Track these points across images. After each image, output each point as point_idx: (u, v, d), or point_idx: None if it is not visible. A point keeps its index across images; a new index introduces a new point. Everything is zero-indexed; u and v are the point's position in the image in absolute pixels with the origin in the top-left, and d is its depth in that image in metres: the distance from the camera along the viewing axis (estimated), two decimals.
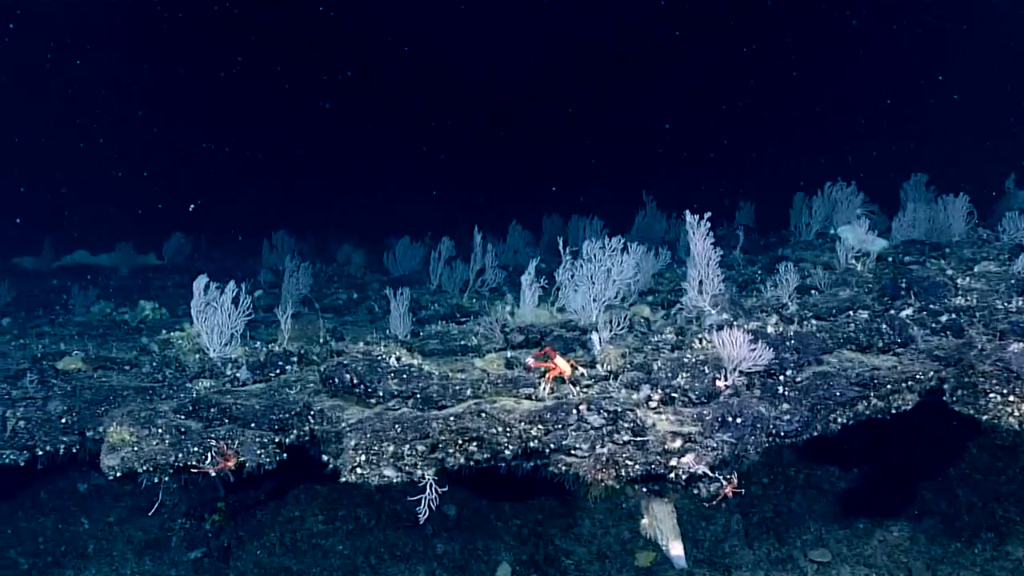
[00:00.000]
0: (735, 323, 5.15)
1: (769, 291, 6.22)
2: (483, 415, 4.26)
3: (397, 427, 4.26)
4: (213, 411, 4.76)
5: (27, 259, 12.75)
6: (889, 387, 4.66)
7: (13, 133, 18.31)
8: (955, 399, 4.52)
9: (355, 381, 4.70)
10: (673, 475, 4.08)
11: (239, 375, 5.35)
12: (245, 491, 6.48)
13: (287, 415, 4.70)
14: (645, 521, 4.60)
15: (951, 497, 6.14)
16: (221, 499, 6.40)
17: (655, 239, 10.55)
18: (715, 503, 4.20)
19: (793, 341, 4.88)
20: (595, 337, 5.21)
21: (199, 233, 14.03)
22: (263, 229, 12.90)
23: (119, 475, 4.41)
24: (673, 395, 4.46)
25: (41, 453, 4.98)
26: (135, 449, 4.44)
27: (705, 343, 4.90)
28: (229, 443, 4.47)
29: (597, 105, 20.06)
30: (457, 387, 4.59)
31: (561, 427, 4.20)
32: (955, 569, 5.87)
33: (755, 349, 4.50)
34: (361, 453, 4.21)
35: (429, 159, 19.94)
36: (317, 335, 6.09)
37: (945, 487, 6.16)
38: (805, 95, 19.21)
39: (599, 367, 4.85)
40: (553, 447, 4.17)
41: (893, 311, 5.52)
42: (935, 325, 5.23)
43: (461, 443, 4.21)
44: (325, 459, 4.55)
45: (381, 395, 4.65)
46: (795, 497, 6.39)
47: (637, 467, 4.03)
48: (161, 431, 4.53)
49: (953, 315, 5.28)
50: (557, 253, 6.05)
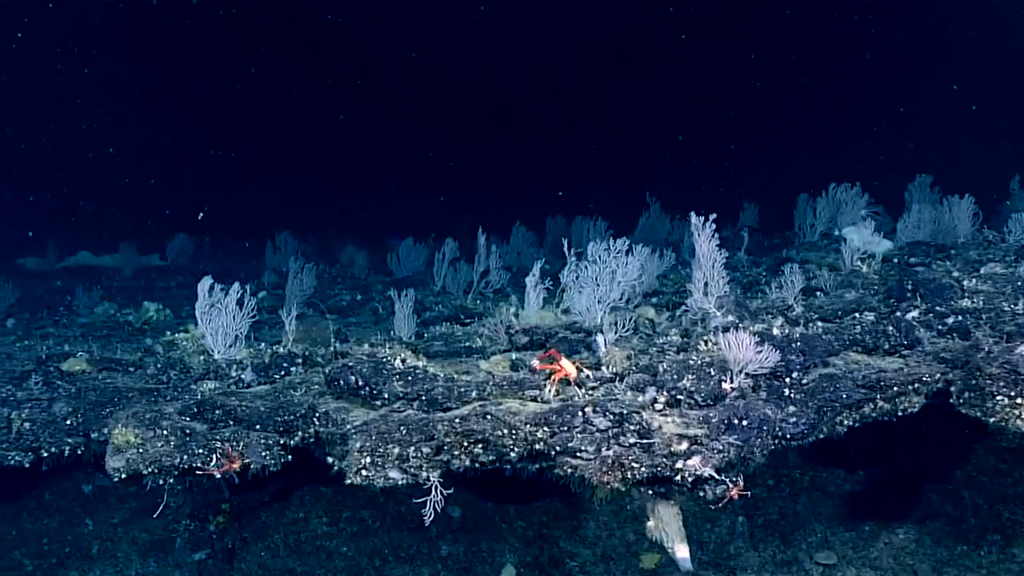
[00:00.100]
0: (740, 325, 5.13)
1: (774, 293, 6.20)
2: (488, 417, 4.25)
3: (402, 429, 4.25)
4: (218, 413, 4.76)
5: (31, 260, 12.75)
6: (895, 389, 4.65)
7: (15, 134, 18.33)
8: (962, 401, 4.50)
9: (360, 383, 4.70)
10: (679, 477, 4.07)
11: (244, 377, 5.35)
12: (249, 492, 6.48)
13: (292, 417, 4.70)
14: (651, 523, 4.59)
15: (957, 499, 6.12)
16: (225, 500, 6.40)
17: (659, 240, 10.54)
18: (721, 505, 4.20)
19: (799, 343, 4.87)
20: (600, 339, 5.20)
21: (202, 234, 14.03)
22: (265, 230, 12.90)
23: (124, 477, 4.41)
24: (679, 397, 4.45)
25: (46, 455, 4.98)
26: (140, 451, 4.44)
27: (711, 345, 4.89)
28: (234, 445, 4.47)
29: (600, 105, 20.04)
30: (462, 389, 4.58)
31: (567, 429, 4.19)
32: (961, 572, 5.85)
33: (761, 351, 4.48)
34: (366, 455, 4.21)
35: (431, 159, 19.94)
36: (322, 336, 6.09)
37: (951, 489, 6.14)
38: (808, 95, 19.18)
39: (604, 369, 4.84)
40: (559, 449, 4.16)
41: (899, 313, 5.50)
42: (941, 327, 5.21)
43: (466, 445, 4.20)
44: (330, 461, 4.55)
45: (386, 397, 4.64)
46: (800, 499, 6.37)
47: (643, 469, 4.02)
48: (166, 433, 4.53)
49: (959, 317, 5.26)
50: (561, 254, 6.05)
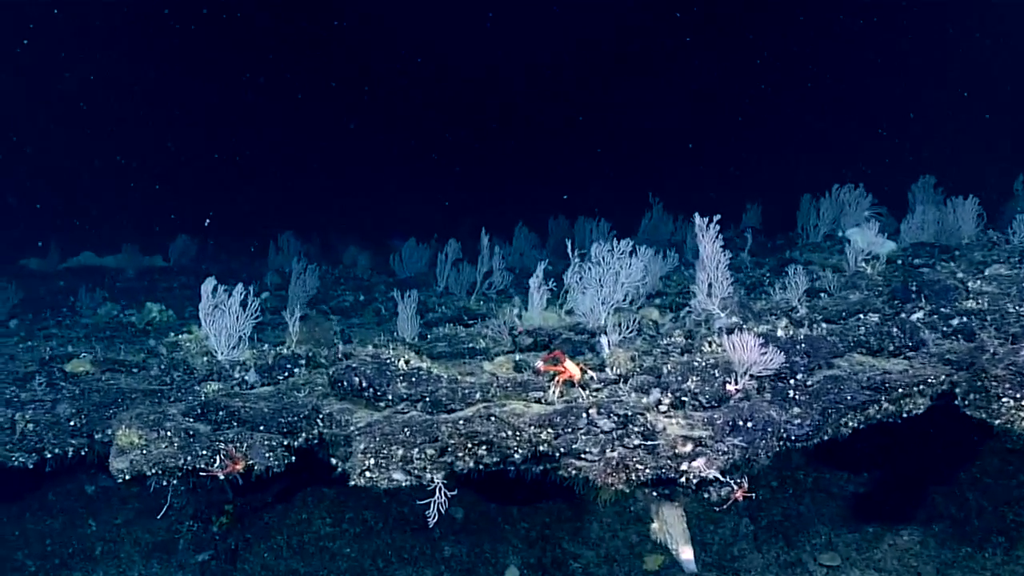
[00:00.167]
0: (744, 326, 5.13)
1: (778, 294, 6.19)
2: (493, 419, 4.25)
3: (406, 431, 4.25)
4: (222, 414, 4.75)
5: (34, 260, 12.76)
6: (900, 391, 4.64)
7: (18, 135, 18.35)
8: (967, 403, 4.49)
9: (364, 384, 4.69)
10: (684, 479, 4.06)
11: (247, 378, 5.34)
12: (252, 494, 6.48)
13: (296, 418, 4.69)
14: (655, 525, 4.58)
15: (961, 501, 6.10)
16: (229, 502, 6.39)
17: (662, 241, 10.52)
18: (725, 507, 4.19)
19: (803, 345, 4.86)
20: (604, 340, 5.20)
21: (205, 235, 14.03)
22: (266, 230, 12.90)
23: (128, 478, 4.41)
24: (683, 399, 4.44)
25: (50, 456, 4.97)
26: (144, 452, 4.44)
27: (715, 346, 4.88)
28: (238, 446, 4.47)
29: (602, 105, 20.02)
30: (466, 390, 4.58)
31: (571, 431, 4.18)
32: (965, 573, 5.84)
33: (765, 353, 4.47)
34: (370, 457, 4.20)
35: (433, 160, 19.94)
36: (326, 338, 6.08)
37: (955, 491, 6.13)
38: (811, 96, 19.15)
39: (608, 370, 4.84)
40: (563, 451, 4.16)
41: (904, 314, 5.49)
42: (946, 329, 5.20)
43: (471, 447, 4.20)
44: (334, 462, 4.56)
45: (390, 398, 4.64)
46: (804, 500, 6.36)
47: (647, 471, 4.02)
48: (170, 434, 4.53)
49: (964, 318, 5.25)
50: (563, 255, 6.04)
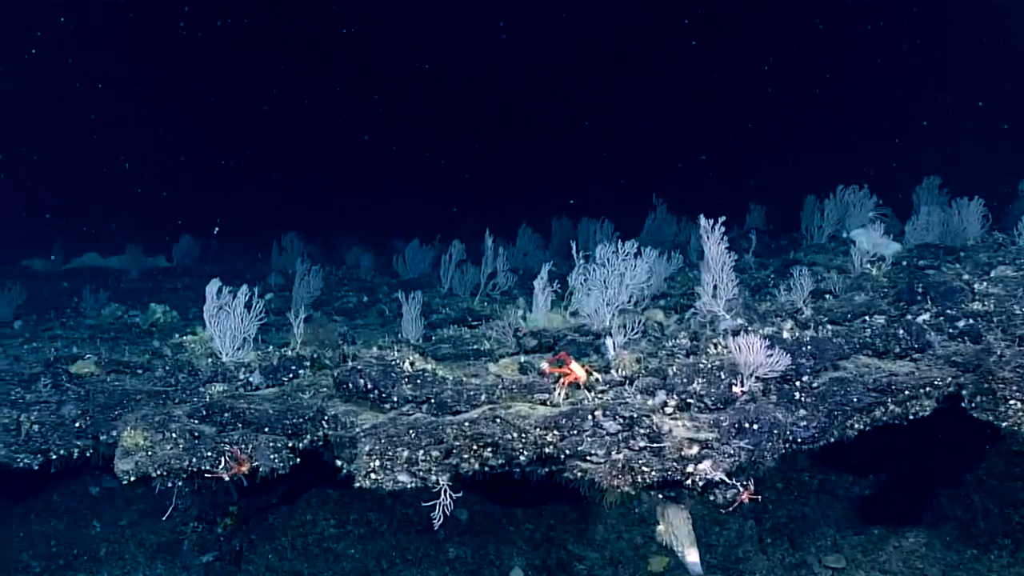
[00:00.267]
0: (750, 328, 5.12)
1: (783, 295, 6.18)
2: (498, 420, 4.24)
3: (411, 432, 4.24)
4: (227, 415, 4.75)
5: (37, 261, 12.77)
6: (907, 393, 4.62)
7: (21, 136, 18.39)
8: (974, 405, 4.48)
9: (369, 386, 4.68)
10: (690, 482, 4.06)
11: (252, 379, 5.34)
12: (257, 495, 6.48)
13: (301, 420, 4.69)
14: (660, 527, 4.58)
15: (967, 503, 6.08)
16: (233, 503, 6.40)
17: (665, 242, 10.51)
18: (731, 509, 4.18)
19: (809, 346, 4.84)
20: (609, 342, 5.18)
21: (208, 236, 14.05)
22: (269, 231, 12.90)
23: (133, 479, 4.41)
24: (689, 401, 4.43)
25: (55, 457, 4.97)
26: (149, 454, 4.44)
27: (720, 348, 4.87)
28: (243, 448, 4.47)
29: (606, 106, 20.02)
30: (471, 392, 4.57)
31: (577, 433, 4.18)
32: None
33: (771, 354, 4.46)
34: (375, 458, 4.20)
35: (435, 161, 19.94)
36: (330, 339, 6.08)
37: (961, 493, 6.11)
38: (815, 96, 19.14)
39: (613, 372, 4.82)
40: (569, 453, 4.15)
41: (910, 316, 5.47)
42: (952, 330, 5.18)
43: (476, 449, 4.20)
44: (339, 464, 4.55)
45: (395, 400, 4.63)
46: (809, 502, 6.35)
47: (653, 473, 4.01)
48: (175, 435, 4.53)
49: (971, 320, 5.23)
50: (567, 256, 6.03)
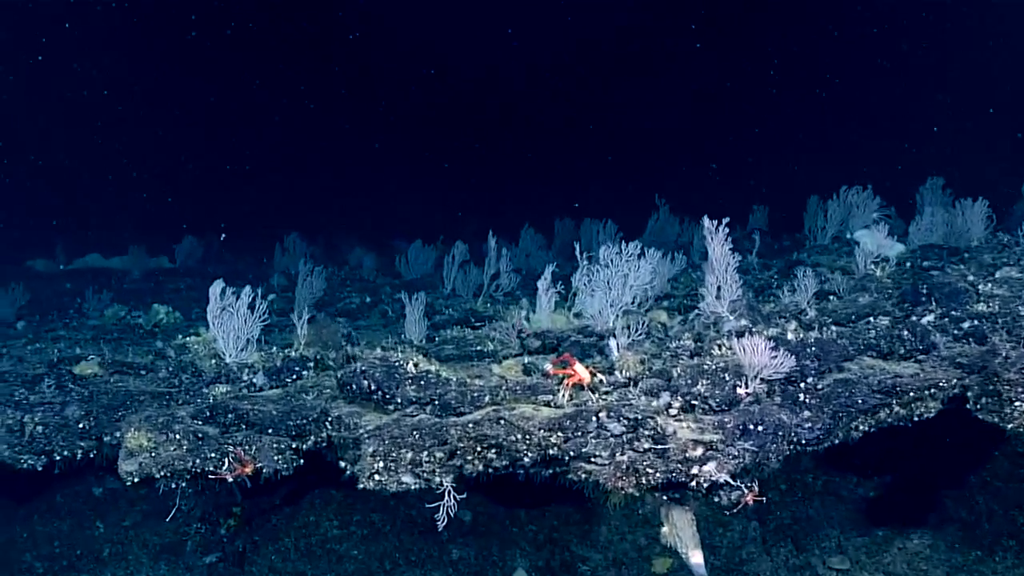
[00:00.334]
0: (754, 329, 5.11)
1: (787, 296, 6.17)
2: (502, 422, 4.23)
3: (415, 434, 4.24)
4: (230, 417, 4.75)
5: (40, 262, 12.78)
6: (912, 395, 4.61)
7: (23, 136, 18.42)
8: (979, 407, 4.47)
9: (373, 387, 4.68)
10: (694, 483, 4.05)
11: (256, 380, 5.34)
12: (260, 496, 6.47)
13: (304, 421, 4.69)
14: (664, 528, 4.57)
15: (971, 505, 6.07)
16: (237, 504, 6.39)
17: (668, 242, 10.50)
18: (735, 511, 4.17)
19: (814, 348, 4.84)
20: (613, 343, 5.17)
21: (210, 236, 14.05)
22: (271, 231, 12.91)
23: (136, 480, 4.41)
24: (693, 402, 4.42)
25: (59, 458, 4.97)
26: (153, 455, 4.44)
27: (724, 349, 4.86)
28: (246, 449, 4.47)
29: (608, 106, 20.02)
30: (475, 394, 4.57)
31: (581, 434, 4.17)
32: None
33: (776, 356, 4.45)
34: (379, 460, 4.20)
35: (437, 161, 19.95)
36: (333, 340, 6.08)
37: (966, 495, 6.09)
38: (818, 97, 19.13)
39: (617, 373, 4.82)
40: (573, 454, 4.14)
41: (914, 317, 5.46)
42: (957, 332, 5.17)
43: (480, 450, 4.19)
44: (342, 465, 4.54)
45: (399, 401, 4.63)
46: (813, 504, 6.33)
47: (658, 475, 4.00)
48: (179, 437, 4.53)
49: (975, 322, 5.22)
50: (570, 256, 6.03)
